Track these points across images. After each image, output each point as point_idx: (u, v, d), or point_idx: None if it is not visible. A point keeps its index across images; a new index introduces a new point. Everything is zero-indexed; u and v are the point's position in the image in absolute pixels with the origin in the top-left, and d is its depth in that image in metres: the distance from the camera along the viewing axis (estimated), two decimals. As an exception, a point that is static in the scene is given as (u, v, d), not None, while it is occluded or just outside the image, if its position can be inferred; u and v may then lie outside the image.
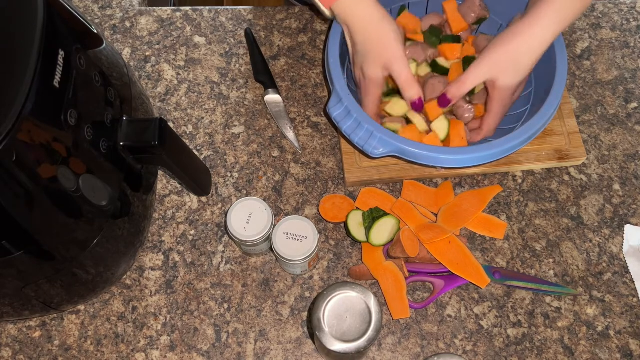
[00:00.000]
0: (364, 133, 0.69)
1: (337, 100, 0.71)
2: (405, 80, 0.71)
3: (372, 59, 0.71)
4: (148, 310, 0.73)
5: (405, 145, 0.68)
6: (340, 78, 0.72)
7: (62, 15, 0.55)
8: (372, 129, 0.69)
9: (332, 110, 0.71)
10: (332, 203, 0.77)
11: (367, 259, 0.73)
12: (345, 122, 0.70)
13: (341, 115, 0.71)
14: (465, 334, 0.72)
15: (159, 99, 0.85)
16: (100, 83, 0.59)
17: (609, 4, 0.93)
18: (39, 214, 0.52)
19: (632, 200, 0.79)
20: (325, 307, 0.59)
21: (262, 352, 0.71)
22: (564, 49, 0.74)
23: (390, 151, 0.69)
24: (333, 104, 0.71)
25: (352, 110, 0.70)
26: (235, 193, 0.79)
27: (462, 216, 0.75)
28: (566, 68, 0.73)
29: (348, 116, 0.70)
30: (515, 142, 0.69)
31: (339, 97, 0.71)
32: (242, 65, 0.88)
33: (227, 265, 0.76)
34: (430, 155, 0.69)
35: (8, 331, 0.72)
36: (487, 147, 0.69)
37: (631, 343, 0.72)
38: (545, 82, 0.74)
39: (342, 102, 0.70)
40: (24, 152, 0.48)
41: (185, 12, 0.92)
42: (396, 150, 0.69)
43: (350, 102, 0.70)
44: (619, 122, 0.85)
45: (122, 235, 0.65)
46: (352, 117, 0.70)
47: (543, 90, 0.74)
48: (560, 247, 0.77)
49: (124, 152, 0.61)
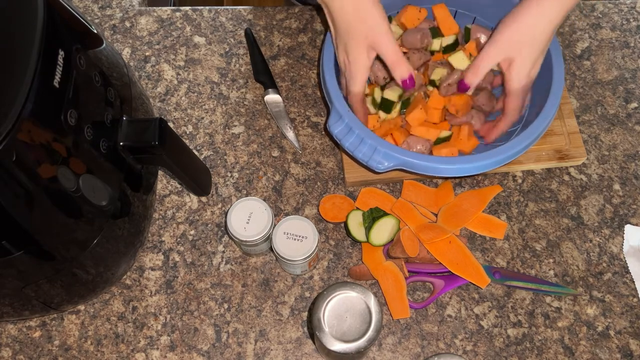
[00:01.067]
0: (367, 149, 0.68)
1: (337, 117, 0.70)
2: (394, 60, 0.68)
3: (356, 40, 0.68)
4: (148, 310, 0.73)
5: (410, 157, 0.68)
6: (338, 94, 0.71)
7: (62, 15, 0.55)
8: (376, 144, 0.68)
9: (333, 128, 0.70)
10: (332, 203, 0.77)
11: (367, 259, 0.73)
12: (348, 139, 0.69)
13: (342, 132, 0.69)
14: (465, 334, 0.72)
15: (159, 99, 0.85)
16: (100, 83, 0.59)
17: (609, 4, 0.93)
18: (39, 214, 0.52)
19: (632, 200, 0.79)
20: (325, 307, 0.59)
21: (262, 352, 0.71)
22: (559, 53, 0.74)
23: (395, 165, 0.68)
24: (333, 121, 0.70)
25: (353, 126, 0.69)
26: (235, 193, 0.79)
27: (462, 216, 0.75)
28: (563, 72, 0.73)
29: (350, 133, 0.69)
30: (516, 149, 0.69)
31: (338, 114, 0.70)
32: (242, 65, 0.88)
33: (227, 265, 0.76)
34: (434, 167, 0.68)
35: (8, 331, 0.72)
36: (490, 155, 0.69)
37: (631, 343, 0.72)
38: (543, 84, 0.74)
39: (343, 118, 0.69)
40: (24, 152, 0.48)
41: (185, 12, 0.92)
42: (401, 163, 0.68)
43: (351, 119, 0.69)
44: (619, 122, 0.85)
45: (122, 235, 0.65)
46: (354, 133, 0.69)
47: (542, 91, 0.74)
48: (561, 247, 0.77)
49: (124, 152, 0.61)
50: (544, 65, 0.72)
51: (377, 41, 0.67)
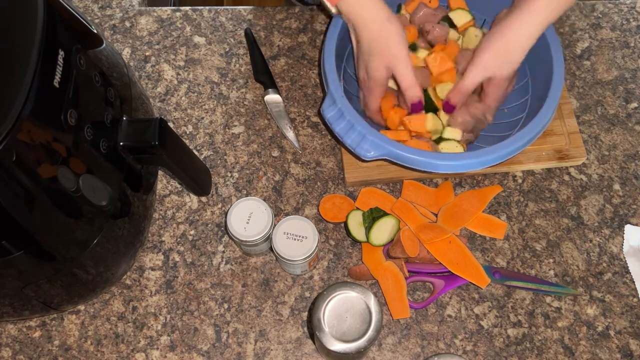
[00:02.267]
0: (356, 135, 0.69)
1: (331, 102, 0.71)
2: (408, 83, 0.72)
3: (377, 59, 0.71)
4: (148, 310, 0.73)
5: (396, 148, 0.68)
6: (335, 80, 0.72)
7: (62, 15, 0.55)
8: (365, 131, 0.69)
9: (326, 112, 0.71)
10: (332, 203, 0.77)
11: (367, 259, 0.73)
12: (339, 124, 0.70)
13: (335, 116, 0.71)
14: (465, 334, 0.72)
15: (159, 99, 0.85)
16: (100, 83, 0.59)
17: (609, 4, 0.93)
18: (39, 214, 0.52)
19: (632, 200, 0.79)
20: (325, 307, 0.59)
21: (262, 352, 0.71)
22: (560, 52, 0.74)
23: (382, 154, 0.69)
24: (327, 105, 0.71)
25: (345, 112, 0.70)
26: (235, 193, 0.79)
27: (462, 216, 0.75)
28: (563, 73, 0.73)
29: (341, 118, 0.70)
30: (507, 150, 0.69)
31: (333, 99, 0.71)
32: (242, 65, 0.88)
33: (227, 265, 0.76)
34: (421, 160, 0.68)
35: (8, 331, 0.72)
36: (483, 153, 0.69)
37: (631, 343, 0.72)
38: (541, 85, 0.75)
39: (336, 103, 0.71)
40: (24, 152, 0.48)
41: (185, 12, 0.92)
42: (387, 153, 0.69)
43: (344, 104, 0.70)
44: (619, 122, 0.85)
45: (122, 235, 0.65)
46: (345, 119, 0.70)
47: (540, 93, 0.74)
48: (561, 247, 0.77)
49: (124, 152, 0.61)
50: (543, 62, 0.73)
51: (395, 64, 0.71)
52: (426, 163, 0.68)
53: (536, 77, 0.78)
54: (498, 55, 0.70)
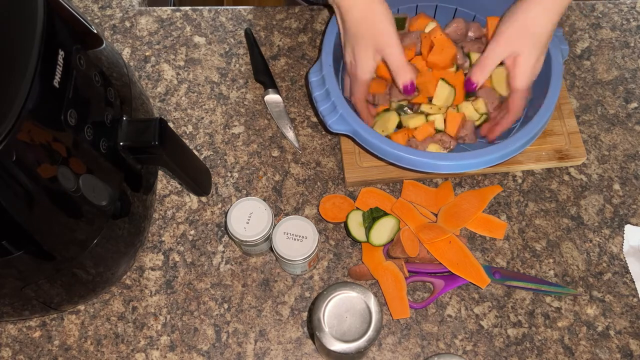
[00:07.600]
0: (329, 105, 0.71)
1: (319, 68, 0.73)
2: (398, 65, 0.70)
3: (364, 43, 0.69)
4: (148, 310, 0.73)
5: (360, 129, 0.69)
6: (329, 52, 0.74)
7: (62, 16, 0.55)
8: (337, 103, 0.71)
9: (312, 76, 0.74)
10: (332, 203, 0.77)
11: (367, 259, 0.73)
12: (318, 90, 0.73)
13: (317, 82, 0.73)
14: (465, 334, 0.72)
15: (159, 99, 0.85)
16: (100, 83, 0.59)
17: (609, 4, 0.93)
18: (39, 214, 0.52)
19: (632, 200, 0.79)
20: (325, 307, 0.59)
21: (262, 352, 0.71)
22: (558, 52, 0.74)
23: (346, 130, 0.71)
24: (314, 70, 0.74)
25: (327, 80, 0.72)
26: (235, 193, 0.79)
27: (462, 216, 0.75)
28: (561, 72, 0.73)
29: (321, 85, 0.73)
30: (506, 150, 0.69)
31: (321, 66, 0.73)
32: (242, 65, 0.88)
33: (227, 265, 0.76)
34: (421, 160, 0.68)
35: (8, 331, 0.72)
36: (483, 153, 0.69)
37: (631, 343, 0.72)
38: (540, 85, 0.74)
39: (322, 70, 0.73)
40: (24, 152, 0.48)
41: (185, 12, 0.92)
42: (351, 130, 0.70)
43: (328, 73, 0.72)
44: (619, 122, 0.85)
45: (122, 235, 0.65)
46: (325, 86, 0.72)
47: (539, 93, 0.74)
48: (560, 247, 0.77)
49: (124, 152, 0.61)
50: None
51: (384, 45, 0.68)
52: (426, 163, 0.68)
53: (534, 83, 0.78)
54: (522, 30, 0.67)
